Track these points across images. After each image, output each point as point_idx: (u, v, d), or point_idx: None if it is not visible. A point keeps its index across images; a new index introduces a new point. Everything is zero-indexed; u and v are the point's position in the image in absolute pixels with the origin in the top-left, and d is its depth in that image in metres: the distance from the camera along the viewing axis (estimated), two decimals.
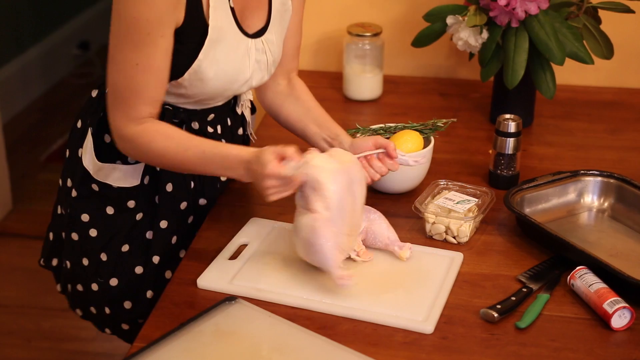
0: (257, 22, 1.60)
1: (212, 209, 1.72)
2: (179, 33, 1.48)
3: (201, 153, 1.49)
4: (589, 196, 1.72)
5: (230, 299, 1.42)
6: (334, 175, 1.43)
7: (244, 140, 1.80)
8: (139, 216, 1.65)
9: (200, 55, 1.51)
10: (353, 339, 1.36)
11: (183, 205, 1.66)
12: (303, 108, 1.72)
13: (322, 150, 1.55)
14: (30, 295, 2.93)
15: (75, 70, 4.50)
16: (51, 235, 1.79)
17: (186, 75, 1.52)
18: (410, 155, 1.62)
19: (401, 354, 1.34)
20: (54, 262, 1.80)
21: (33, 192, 3.48)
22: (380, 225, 1.54)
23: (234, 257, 1.54)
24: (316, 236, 1.41)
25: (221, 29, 1.52)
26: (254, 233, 1.60)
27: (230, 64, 1.55)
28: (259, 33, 1.60)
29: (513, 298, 1.43)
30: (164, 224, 1.65)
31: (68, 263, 1.73)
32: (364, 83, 2.20)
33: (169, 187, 1.64)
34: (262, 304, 1.42)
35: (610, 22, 2.02)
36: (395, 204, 1.72)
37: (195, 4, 1.48)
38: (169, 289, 1.49)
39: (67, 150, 1.71)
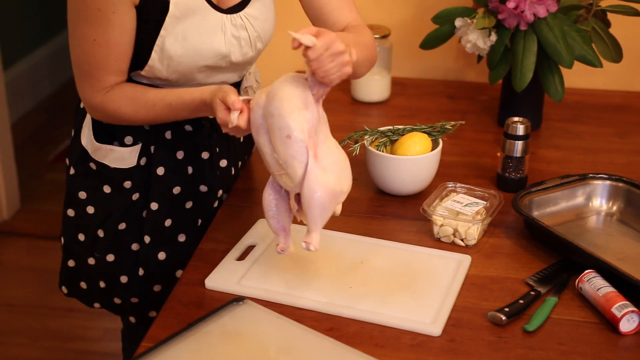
0: None
1: (220, 209, 1.72)
2: (139, 10, 1.50)
3: (168, 106, 1.53)
4: (597, 200, 1.72)
5: (238, 299, 1.42)
6: (285, 83, 1.37)
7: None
8: (135, 196, 1.67)
9: (162, 32, 1.51)
10: (360, 340, 1.36)
11: (176, 189, 1.67)
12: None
13: None
14: (38, 294, 2.93)
15: None
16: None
17: (153, 54, 1.53)
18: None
19: (408, 356, 1.33)
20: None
21: (41, 192, 3.49)
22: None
23: (241, 258, 1.55)
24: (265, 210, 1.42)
25: (186, 4, 1.51)
26: (261, 234, 1.60)
27: (200, 39, 1.54)
28: (237, 8, 1.59)
29: (521, 301, 1.43)
30: (154, 205, 1.66)
31: (62, 239, 1.76)
32: (372, 85, 2.20)
33: (160, 171, 1.65)
34: (269, 305, 1.42)
35: (619, 25, 2.02)
36: (403, 206, 1.72)
37: None
38: (176, 289, 1.49)
39: (72, 129, 1.73)
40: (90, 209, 1.70)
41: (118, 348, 2.04)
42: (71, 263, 1.77)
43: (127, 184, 1.66)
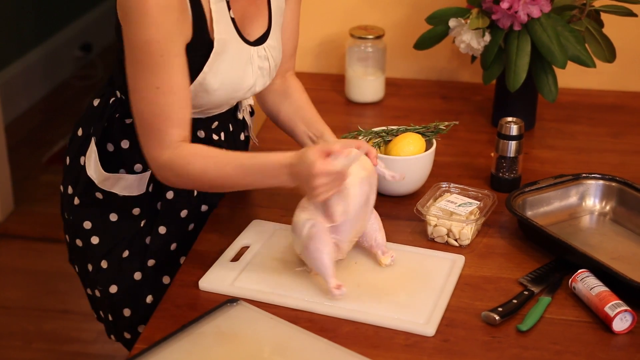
0: (257, 29, 1.60)
1: (214, 210, 1.72)
2: (187, 49, 1.48)
3: (240, 166, 1.46)
4: (590, 199, 1.72)
5: (232, 301, 1.42)
6: (361, 183, 1.45)
7: (245, 144, 1.80)
8: (142, 223, 1.66)
9: (206, 68, 1.51)
10: (354, 341, 1.36)
11: (184, 213, 1.67)
12: (293, 106, 1.72)
13: None
14: (31, 296, 2.93)
15: (77, 72, 4.51)
16: (67, 237, 1.79)
17: (192, 87, 1.52)
18: (388, 167, 1.61)
19: (402, 356, 1.34)
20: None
21: (35, 194, 3.48)
22: (372, 225, 1.53)
23: (235, 259, 1.54)
24: (315, 242, 1.42)
25: (225, 40, 1.52)
26: (255, 235, 1.60)
27: (234, 73, 1.55)
28: (260, 40, 1.60)
29: (514, 301, 1.43)
30: (162, 229, 1.65)
31: (76, 267, 1.75)
32: (366, 86, 2.20)
33: (170, 195, 1.64)
34: (263, 306, 1.42)
35: (612, 25, 2.02)
36: (397, 207, 1.72)
37: (200, 18, 1.48)
38: (170, 290, 1.49)
39: (67, 157, 1.71)
40: (95, 239, 1.68)
41: (112, 350, 2.04)
42: (89, 291, 1.75)
43: (136, 211, 1.65)
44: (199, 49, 1.50)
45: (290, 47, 1.73)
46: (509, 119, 1.77)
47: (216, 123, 1.66)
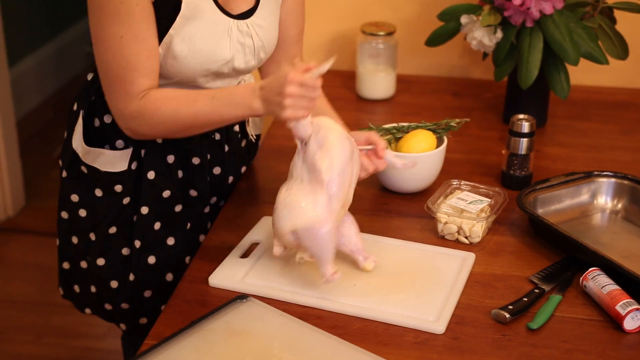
0: (242, 3, 1.58)
1: (224, 207, 1.72)
2: (154, 6, 1.47)
3: (211, 98, 1.46)
4: (602, 197, 1.71)
5: (241, 297, 1.42)
6: (342, 138, 1.43)
7: (241, 138, 1.78)
8: (125, 200, 1.66)
9: (171, 31, 1.50)
10: (364, 338, 1.36)
11: (166, 193, 1.66)
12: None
13: None
14: (42, 291, 2.94)
15: (88, 68, 4.50)
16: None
17: (160, 50, 1.51)
18: (399, 156, 1.60)
19: (412, 354, 1.33)
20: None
21: (46, 189, 3.49)
22: (349, 229, 1.49)
23: (245, 255, 1.54)
24: (322, 227, 1.39)
25: (196, 5, 1.50)
26: (265, 232, 1.60)
27: (206, 42, 1.53)
28: (245, 15, 1.58)
29: (525, 299, 1.43)
30: (145, 210, 1.66)
31: (58, 241, 1.76)
32: (377, 82, 2.20)
33: (151, 175, 1.65)
34: (273, 303, 1.42)
35: (625, 22, 2.01)
36: (407, 204, 1.72)
37: None
38: (180, 286, 1.49)
39: (65, 132, 1.72)
40: (83, 212, 1.69)
41: (121, 345, 2.04)
42: (66, 265, 1.77)
43: (118, 188, 1.65)
44: (166, 9, 1.48)
45: (294, 32, 1.71)
46: (521, 116, 1.76)
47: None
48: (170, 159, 1.66)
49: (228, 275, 1.49)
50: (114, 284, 1.71)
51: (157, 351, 1.31)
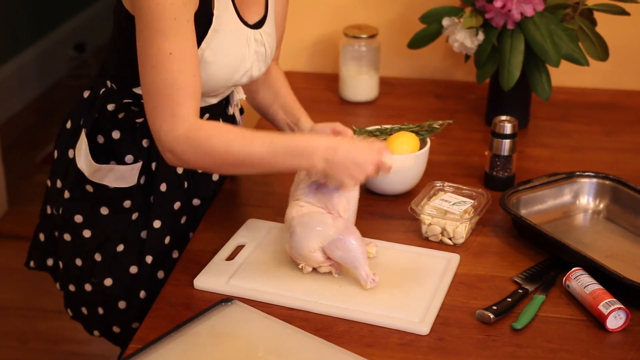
0: (254, 14, 1.60)
1: (209, 210, 1.72)
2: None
3: (269, 143, 1.38)
4: (584, 198, 1.73)
5: (226, 300, 1.42)
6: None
7: None
8: (134, 216, 1.65)
9: (203, 44, 1.50)
10: (349, 340, 1.36)
11: (177, 205, 1.66)
12: (273, 94, 1.72)
13: None
14: (26, 296, 2.92)
15: (71, 72, 4.50)
16: (42, 236, 1.78)
17: None
18: None
19: (397, 355, 1.34)
20: (50, 262, 1.79)
21: (29, 194, 3.47)
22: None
23: (230, 258, 1.54)
24: (349, 236, 1.45)
25: (224, 18, 1.51)
26: (250, 234, 1.60)
27: (233, 53, 1.54)
28: (258, 25, 1.60)
29: (509, 299, 1.44)
30: (157, 223, 1.64)
31: (61, 263, 1.73)
32: (360, 85, 2.20)
33: (163, 187, 1.63)
34: (258, 305, 1.42)
35: (605, 24, 2.03)
36: (391, 206, 1.73)
37: None
38: (165, 290, 1.49)
39: (56, 151, 1.71)
40: (87, 233, 1.66)
41: (107, 350, 2.04)
42: (72, 287, 1.73)
43: (127, 204, 1.64)
44: (201, 21, 1.48)
45: (278, 36, 1.73)
46: (503, 117, 1.77)
47: (207, 115, 1.64)
48: (180, 170, 1.64)
49: (213, 278, 1.49)
50: (121, 304, 1.68)
51: (142, 355, 1.30)
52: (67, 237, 1.69)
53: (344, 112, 2.18)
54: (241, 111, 1.83)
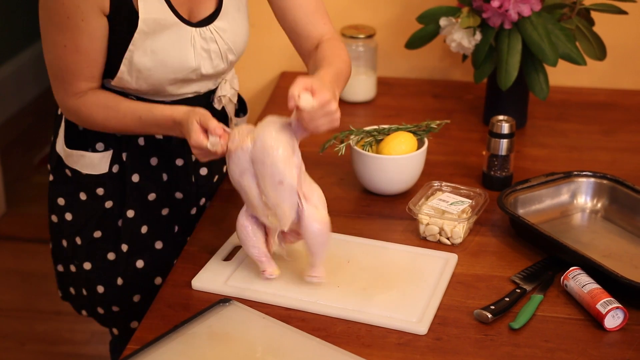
0: (205, 10, 1.58)
1: (206, 210, 1.72)
2: (109, 20, 1.49)
3: (138, 119, 1.54)
4: (582, 197, 1.73)
5: (224, 301, 1.42)
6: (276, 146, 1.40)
7: None
8: (108, 204, 1.67)
9: (131, 47, 1.51)
10: (347, 340, 1.36)
11: (151, 196, 1.67)
12: (315, 65, 1.59)
13: None
14: (24, 298, 2.92)
15: None
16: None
17: (122, 66, 1.53)
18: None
19: (395, 355, 1.34)
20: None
21: (27, 195, 3.47)
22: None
23: (228, 258, 1.54)
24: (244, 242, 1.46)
25: (155, 20, 1.51)
26: None
27: (170, 54, 1.54)
28: (206, 21, 1.58)
29: (507, 299, 1.44)
30: (130, 213, 1.66)
31: (51, 244, 1.77)
32: (358, 85, 2.20)
33: (135, 178, 1.66)
34: (256, 305, 1.42)
35: (603, 23, 2.03)
36: (389, 206, 1.73)
37: None
38: (163, 290, 1.49)
39: (52, 136, 1.73)
40: (69, 216, 1.70)
41: (105, 351, 2.04)
42: (60, 268, 1.78)
43: (100, 191, 1.66)
44: (122, 24, 1.50)
45: (305, 13, 1.63)
46: (501, 117, 1.77)
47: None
48: (154, 161, 1.66)
49: (211, 278, 1.49)
50: (100, 288, 1.71)
51: (140, 356, 1.30)
52: (54, 218, 1.73)
53: (341, 112, 2.16)
54: (244, 111, 1.82)
